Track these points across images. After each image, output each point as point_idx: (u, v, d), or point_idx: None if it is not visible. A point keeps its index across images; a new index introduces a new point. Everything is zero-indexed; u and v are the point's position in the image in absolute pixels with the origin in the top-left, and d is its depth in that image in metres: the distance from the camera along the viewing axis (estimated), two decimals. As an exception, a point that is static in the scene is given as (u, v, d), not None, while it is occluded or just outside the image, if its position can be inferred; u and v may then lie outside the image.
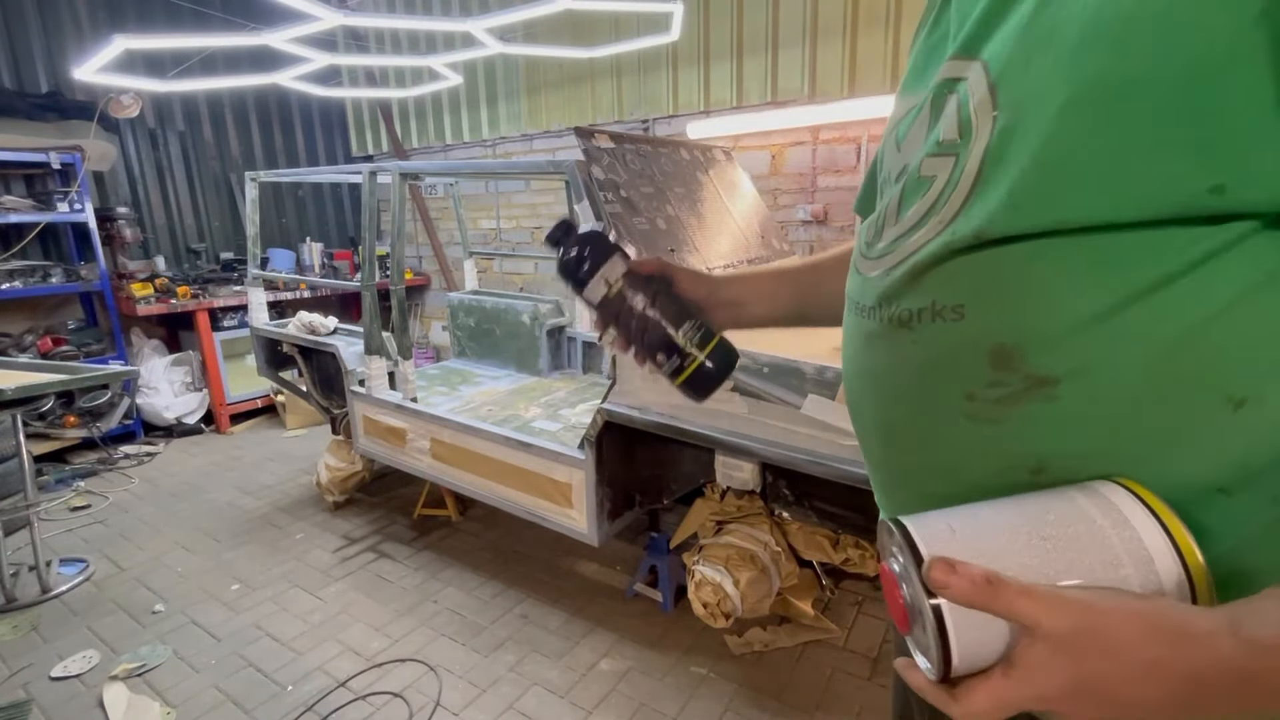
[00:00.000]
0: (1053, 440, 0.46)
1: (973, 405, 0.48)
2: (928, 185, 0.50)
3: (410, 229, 5.48)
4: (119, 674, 2.11)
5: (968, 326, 0.47)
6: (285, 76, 3.48)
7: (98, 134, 4.03)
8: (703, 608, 2.00)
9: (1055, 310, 0.44)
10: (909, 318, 0.51)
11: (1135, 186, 0.39)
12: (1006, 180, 0.43)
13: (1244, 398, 0.40)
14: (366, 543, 2.95)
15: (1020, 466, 0.47)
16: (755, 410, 1.72)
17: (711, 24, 3.60)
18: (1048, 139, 0.42)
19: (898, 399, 0.54)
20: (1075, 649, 0.36)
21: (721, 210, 2.52)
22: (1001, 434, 0.47)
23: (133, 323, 4.46)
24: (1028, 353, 0.45)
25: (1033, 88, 0.43)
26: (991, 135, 0.45)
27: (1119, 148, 0.39)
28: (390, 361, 2.76)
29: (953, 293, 0.48)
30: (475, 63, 4.60)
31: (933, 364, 0.50)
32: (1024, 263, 0.44)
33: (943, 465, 0.52)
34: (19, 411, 2.51)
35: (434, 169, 2.60)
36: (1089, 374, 0.43)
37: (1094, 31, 0.40)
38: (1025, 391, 0.45)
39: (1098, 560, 0.39)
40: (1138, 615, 0.36)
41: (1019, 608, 0.38)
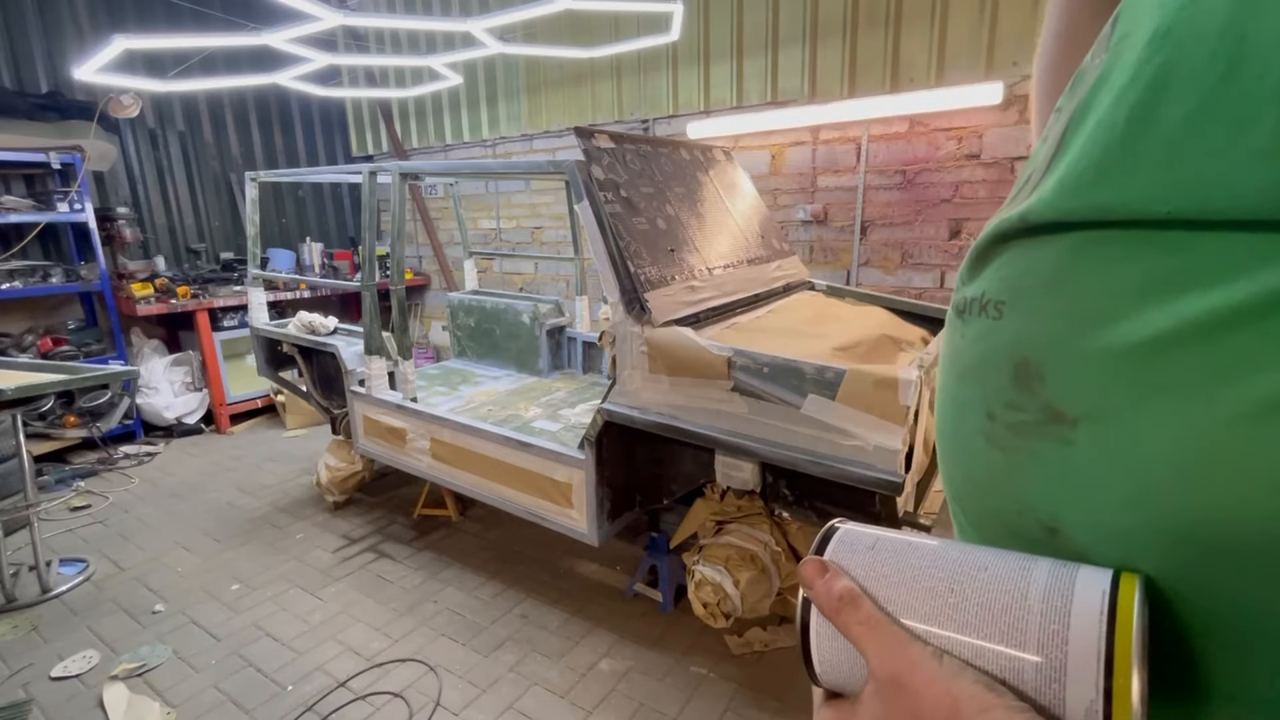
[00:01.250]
0: (1063, 496, 0.35)
1: (990, 425, 0.38)
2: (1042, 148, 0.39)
3: (410, 229, 5.49)
4: (119, 674, 2.11)
5: (1003, 329, 0.38)
6: (285, 76, 3.48)
7: (98, 134, 4.03)
8: (703, 608, 2.00)
9: (1088, 329, 0.32)
10: (964, 306, 0.42)
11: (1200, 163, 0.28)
12: (1073, 149, 0.33)
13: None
14: (366, 543, 2.95)
15: (1029, 519, 0.37)
16: (755, 410, 1.72)
17: (711, 24, 3.61)
18: (1121, 92, 0.31)
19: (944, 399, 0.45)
20: (888, 698, 0.33)
21: (721, 210, 2.52)
22: (1011, 468, 0.38)
23: (133, 323, 4.46)
24: (1048, 375, 0.35)
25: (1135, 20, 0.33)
26: (1089, 88, 0.35)
27: (1192, 107, 0.28)
28: (390, 361, 2.76)
29: (998, 286, 0.39)
30: (475, 63, 4.61)
31: (971, 366, 0.41)
32: (1065, 260, 0.34)
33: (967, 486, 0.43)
34: (19, 411, 2.51)
35: (434, 169, 2.60)
36: (1110, 424, 0.32)
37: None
38: (1038, 425, 0.35)
39: (998, 633, 0.32)
40: (950, 694, 0.30)
41: (855, 634, 0.35)
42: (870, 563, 0.37)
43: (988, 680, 0.31)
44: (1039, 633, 0.30)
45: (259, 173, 3.16)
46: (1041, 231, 0.35)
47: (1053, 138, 0.37)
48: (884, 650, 0.33)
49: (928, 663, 0.32)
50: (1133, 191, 0.30)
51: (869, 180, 3.31)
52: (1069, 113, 0.36)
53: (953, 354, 0.43)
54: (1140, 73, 0.30)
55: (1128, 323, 0.31)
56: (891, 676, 0.33)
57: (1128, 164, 0.30)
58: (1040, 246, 0.36)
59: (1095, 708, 0.28)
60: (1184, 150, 0.28)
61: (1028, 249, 0.37)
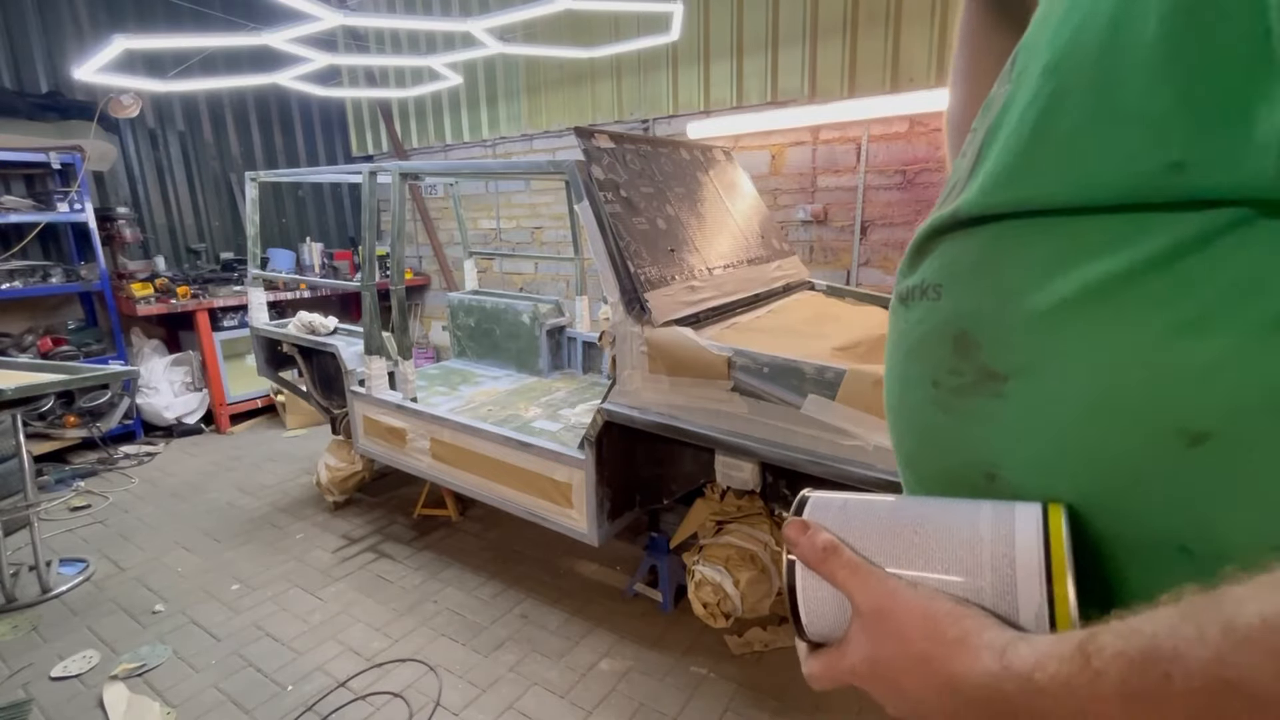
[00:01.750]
0: (1000, 444, 0.42)
1: (937, 392, 0.45)
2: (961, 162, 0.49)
3: (410, 229, 5.49)
4: (119, 674, 2.11)
5: (941, 308, 0.45)
6: (285, 76, 3.48)
7: (98, 134, 4.03)
8: (703, 608, 2.00)
9: (1011, 299, 0.40)
10: (907, 294, 0.50)
11: (1090, 164, 0.35)
12: (990, 157, 0.41)
13: (1203, 432, 0.33)
14: (366, 543, 2.95)
15: (974, 469, 0.43)
16: (755, 410, 1.72)
17: (711, 24, 3.61)
18: (1023, 112, 0.39)
19: (893, 378, 0.53)
20: (872, 630, 0.38)
21: (721, 210, 2.52)
22: (956, 427, 0.44)
23: (133, 323, 4.46)
24: (983, 343, 0.42)
25: (1029, 59, 0.41)
26: (998, 111, 0.43)
27: (1078, 120, 0.36)
28: (390, 361, 2.76)
29: (936, 272, 0.46)
30: (475, 63, 4.61)
31: (915, 344, 0.49)
32: (992, 244, 0.42)
33: (918, 453, 0.50)
34: (19, 411, 2.51)
35: (434, 169, 2.60)
36: (1035, 376, 0.39)
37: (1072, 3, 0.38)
38: (976, 385, 0.42)
39: (957, 565, 0.38)
40: (927, 611, 0.36)
41: (840, 579, 0.40)
42: (843, 520, 0.43)
43: (957, 599, 0.37)
44: (991, 559, 0.37)
45: (259, 173, 3.16)
46: (969, 224, 0.43)
47: (971, 152, 0.45)
48: (866, 588, 0.39)
49: (905, 591, 0.38)
50: (1038, 188, 0.38)
51: (869, 180, 3.31)
52: (983, 132, 0.44)
53: (898, 336, 0.51)
54: (1037, 97, 0.38)
55: (1040, 292, 0.38)
56: (875, 608, 0.38)
57: (1033, 167, 0.38)
58: (969, 237, 0.43)
59: (1042, 611, 0.35)
60: (1073, 155, 0.36)
61: (959, 240, 0.44)
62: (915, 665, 0.36)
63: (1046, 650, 0.31)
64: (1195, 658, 0.26)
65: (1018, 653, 0.32)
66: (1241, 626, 0.25)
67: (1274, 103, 0.29)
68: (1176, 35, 0.32)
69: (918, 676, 0.36)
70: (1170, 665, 0.27)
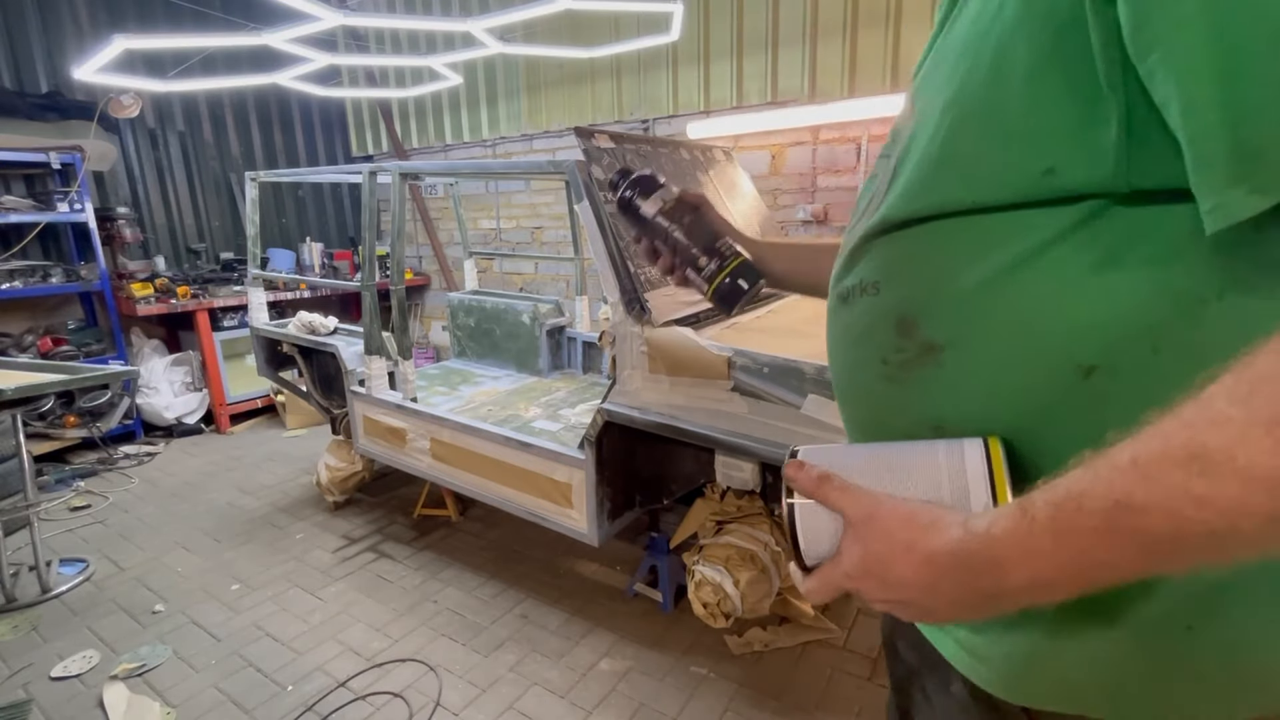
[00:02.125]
0: (944, 402, 0.52)
1: (886, 369, 0.55)
2: (872, 184, 0.60)
3: (410, 229, 5.48)
4: (119, 674, 2.11)
5: (882, 300, 0.55)
6: (285, 76, 3.48)
7: (98, 134, 4.03)
8: (703, 608, 2.00)
9: (940, 284, 0.50)
10: (847, 294, 0.60)
11: (987, 173, 0.46)
12: (906, 174, 0.52)
13: (1092, 365, 0.44)
14: (366, 543, 2.95)
15: (924, 425, 0.53)
16: (755, 410, 1.72)
17: (711, 24, 3.60)
18: (931, 137, 0.49)
19: (841, 364, 0.63)
20: (862, 533, 0.48)
21: (721, 210, 2.52)
22: (907, 394, 0.54)
23: (133, 323, 4.46)
24: (921, 322, 0.52)
25: (930, 98, 0.51)
26: (907, 139, 0.53)
27: (975, 140, 0.47)
28: (390, 361, 2.76)
29: (873, 271, 0.56)
30: (475, 63, 4.60)
31: (861, 332, 0.58)
32: (917, 243, 0.52)
33: (872, 422, 0.60)
34: (19, 411, 2.51)
35: (434, 169, 2.60)
36: (965, 341, 0.50)
37: (962, 47, 0.49)
38: (919, 357, 0.52)
39: (923, 484, 0.48)
40: (907, 508, 0.46)
41: (833, 499, 0.49)
42: (829, 461, 0.53)
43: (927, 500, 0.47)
44: (949, 478, 0.48)
45: (259, 173, 3.16)
46: (896, 228, 0.53)
47: (884, 172, 0.57)
48: (856, 501, 0.48)
49: (887, 499, 0.48)
50: (951, 193, 0.49)
51: (869, 180, 3.31)
52: (895, 156, 0.55)
53: (843, 329, 0.62)
54: (941, 126, 0.49)
55: (962, 275, 0.49)
56: (865, 514, 0.48)
57: (946, 178, 0.49)
58: (898, 240, 0.54)
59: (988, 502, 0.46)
60: (975, 167, 0.47)
61: (889, 243, 0.55)
62: (901, 552, 0.45)
63: (995, 513, 0.42)
64: (1093, 491, 0.36)
65: (975, 520, 0.42)
66: (1120, 463, 0.36)
67: (1106, 124, 0.41)
68: (1039, 77, 0.43)
69: (902, 561, 0.45)
70: (1079, 500, 0.37)
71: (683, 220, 0.89)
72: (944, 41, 0.53)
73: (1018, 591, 0.40)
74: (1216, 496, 0.32)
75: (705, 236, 0.88)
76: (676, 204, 0.90)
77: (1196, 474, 0.32)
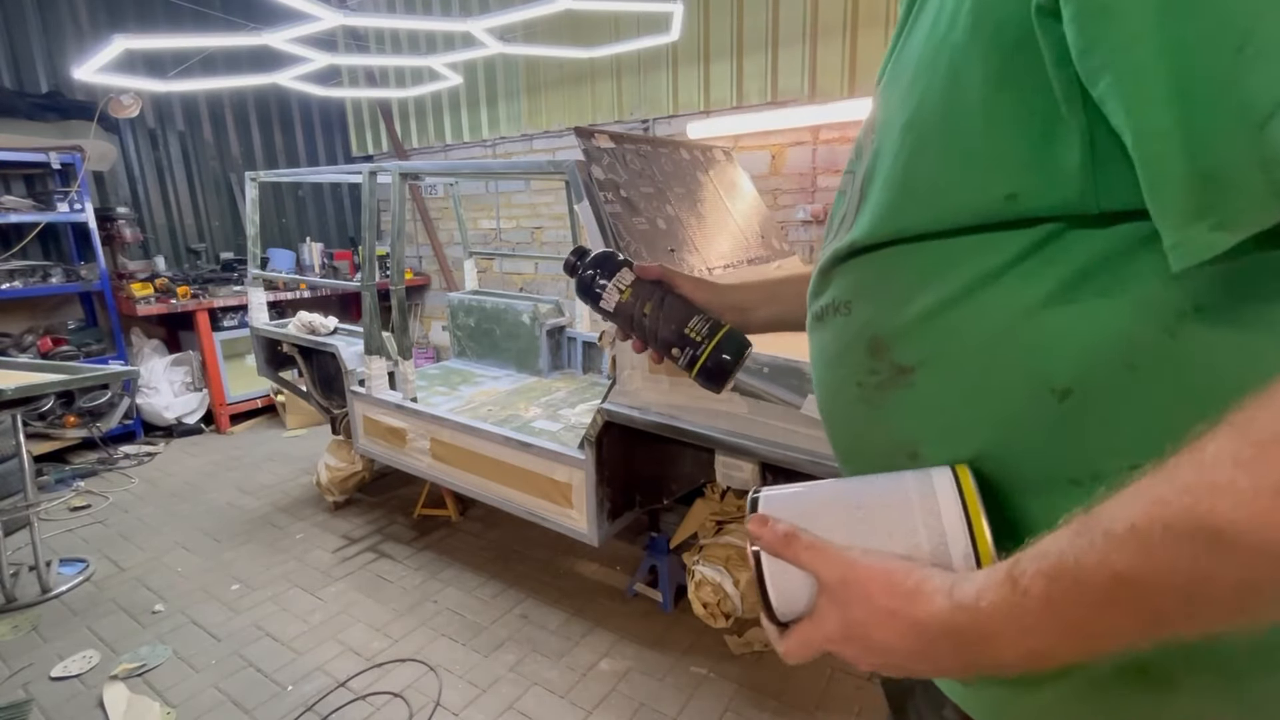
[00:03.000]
0: (917, 425, 0.50)
1: (861, 391, 0.53)
2: (842, 200, 0.58)
3: (410, 229, 5.48)
4: (119, 674, 2.11)
5: (853, 321, 0.54)
6: (285, 76, 3.48)
7: (98, 134, 4.03)
8: (703, 608, 2.00)
9: (908, 306, 0.49)
10: (821, 313, 0.58)
11: (947, 198, 0.45)
12: (874, 195, 0.50)
13: (1067, 388, 0.42)
14: (366, 543, 2.95)
15: (900, 450, 0.51)
16: (755, 410, 1.72)
17: (711, 24, 3.60)
18: (894, 158, 0.48)
19: (821, 386, 0.61)
20: (841, 598, 0.44)
21: (721, 210, 2.52)
22: (881, 417, 0.52)
23: (133, 323, 4.46)
24: (891, 344, 0.50)
25: (891, 115, 0.49)
26: (871, 156, 0.52)
27: (934, 164, 0.45)
28: (390, 361, 2.76)
29: (844, 292, 0.55)
30: (475, 63, 4.60)
31: (836, 353, 0.56)
32: (886, 265, 0.51)
33: (853, 446, 0.58)
34: (19, 411, 2.51)
35: (434, 169, 2.60)
36: (935, 363, 0.48)
37: (917, 63, 0.47)
38: (892, 379, 0.50)
39: (897, 529, 0.45)
40: (885, 571, 0.42)
41: (804, 559, 0.46)
42: (795, 510, 0.49)
43: (903, 557, 0.44)
44: (924, 519, 0.45)
45: (259, 173, 3.16)
46: (865, 251, 0.52)
47: (853, 190, 0.55)
48: (828, 562, 0.45)
49: (862, 558, 0.44)
50: (915, 218, 0.47)
51: (869, 180, 3.31)
52: (860, 175, 0.53)
53: (820, 350, 0.60)
54: (903, 148, 0.47)
55: (928, 296, 0.47)
56: (839, 578, 0.44)
57: (909, 203, 0.48)
58: (867, 262, 0.52)
59: (968, 551, 0.43)
60: (937, 192, 0.46)
61: (859, 264, 0.53)
62: (883, 619, 0.42)
63: (983, 582, 0.38)
64: (1090, 561, 0.33)
65: (962, 590, 0.39)
66: (1117, 532, 0.33)
67: (1067, 146, 0.39)
68: (994, 100, 0.41)
69: (887, 628, 0.41)
70: (1075, 571, 0.34)
71: (648, 301, 0.80)
72: (903, 50, 0.51)
73: (1012, 664, 0.38)
74: (1228, 572, 0.30)
75: (676, 315, 0.79)
76: (635, 286, 0.81)
77: (1205, 549, 0.30)
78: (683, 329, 0.78)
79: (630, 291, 0.81)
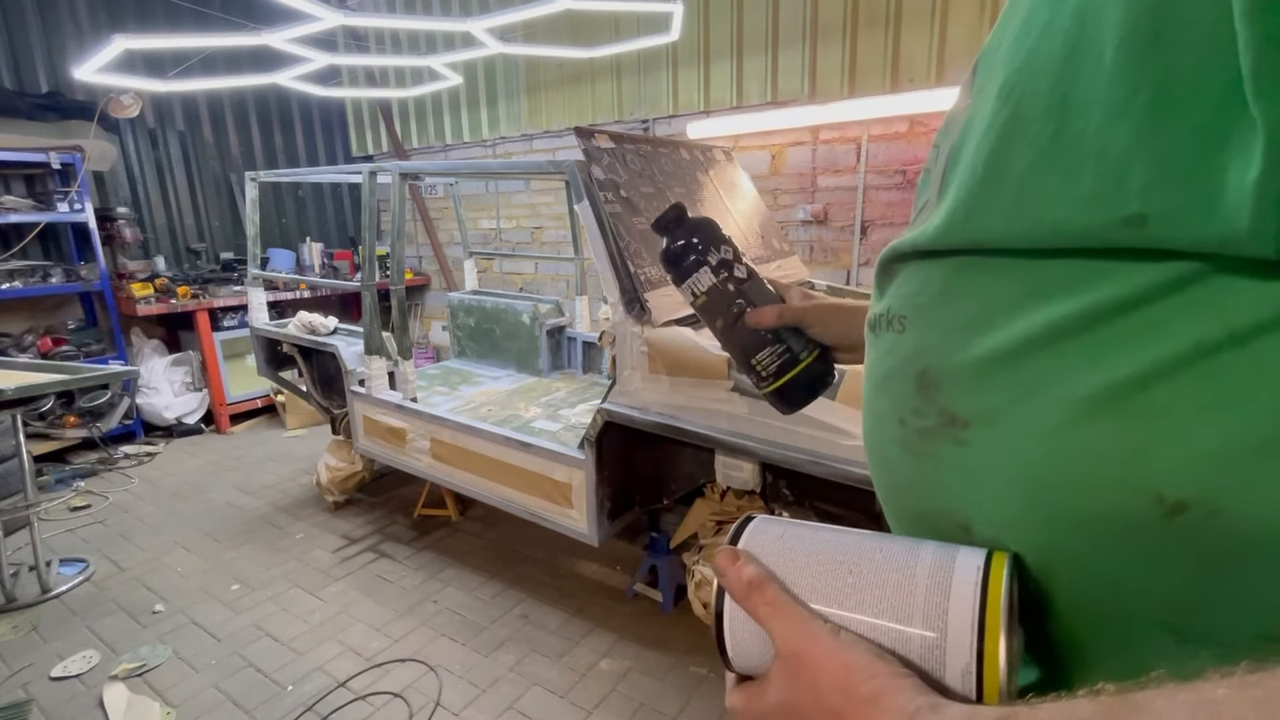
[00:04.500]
0: (966, 494, 0.38)
1: (903, 431, 0.42)
2: (928, 181, 0.44)
3: (410, 229, 5.48)
4: (119, 674, 2.11)
5: (905, 342, 0.42)
6: (285, 76, 3.48)
7: (98, 134, 4.03)
8: (703, 607, 2.00)
9: (971, 339, 0.37)
10: (875, 322, 0.46)
11: (1042, 206, 0.32)
12: (954, 184, 0.38)
13: (1182, 501, 0.29)
14: (366, 543, 2.95)
15: (946, 517, 0.40)
16: (755, 410, 1.72)
17: (711, 24, 3.60)
18: (983, 135, 0.35)
19: (866, 407, 0.49)
20: (790, 673, 0.36)
21: (721, 210, 2.52)
22: (921, 471, 0.41)
23: (133, 323, 4.46)
24: (944, 383, 0.38)
25: (989, 73, 0.37)
26: (960, 130, 0.39)
27: (1032, 153, 0.32)
28: (390, 361, 2.76)
29: (900, 302, 0.43)
30: (475, 63, 4.60)
31: (883, 378, 0.45)
32: (950, 279, 0.39)
33: (889, 490, 0.47)
34: (19, 411, 2.51)
35: (434, 169, 2.60)
36: (997, 422, 0.36)
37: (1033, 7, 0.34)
38: (939, 428, 0.39)
39: (888, 610, 0.36)
40: (845, 664, 0.34)
41: (761, 614, 0.38)
42: (779, 549, 0.41)
43: (878, 650, 0.34)
44: (924, 606, 0.34)
45: (259, 173, 3.16)
46: (929, 255, 0.40)
47: (936, 172, 0.42)
48: (787, 628, 0.36)
49: (825, 638, 0.35)
50: (992, 229, 0.35)
51: (869, 180, 3.31)
52: (946, 150, 0.40)
53: (870, 366, 0.47)
54: (993, 124, 0.34)
55: (999, 331, 0.35)
56: (794, 652, 0.36)
57: (988, 205, 0.35)
58: (932, 266, 0.40)
59: (970, 669, 0.32)
60: (1026, 196, 0.33)
61: (922, 268, 0.41)
62: (824, 710, 0.34)
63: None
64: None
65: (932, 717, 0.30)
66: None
67: (1244, 156, 0.25)
68: (1135, 67, 0.27)
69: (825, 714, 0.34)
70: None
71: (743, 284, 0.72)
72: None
73: None
74: None
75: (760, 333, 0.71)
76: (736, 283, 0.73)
77: None
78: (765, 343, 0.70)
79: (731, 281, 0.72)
